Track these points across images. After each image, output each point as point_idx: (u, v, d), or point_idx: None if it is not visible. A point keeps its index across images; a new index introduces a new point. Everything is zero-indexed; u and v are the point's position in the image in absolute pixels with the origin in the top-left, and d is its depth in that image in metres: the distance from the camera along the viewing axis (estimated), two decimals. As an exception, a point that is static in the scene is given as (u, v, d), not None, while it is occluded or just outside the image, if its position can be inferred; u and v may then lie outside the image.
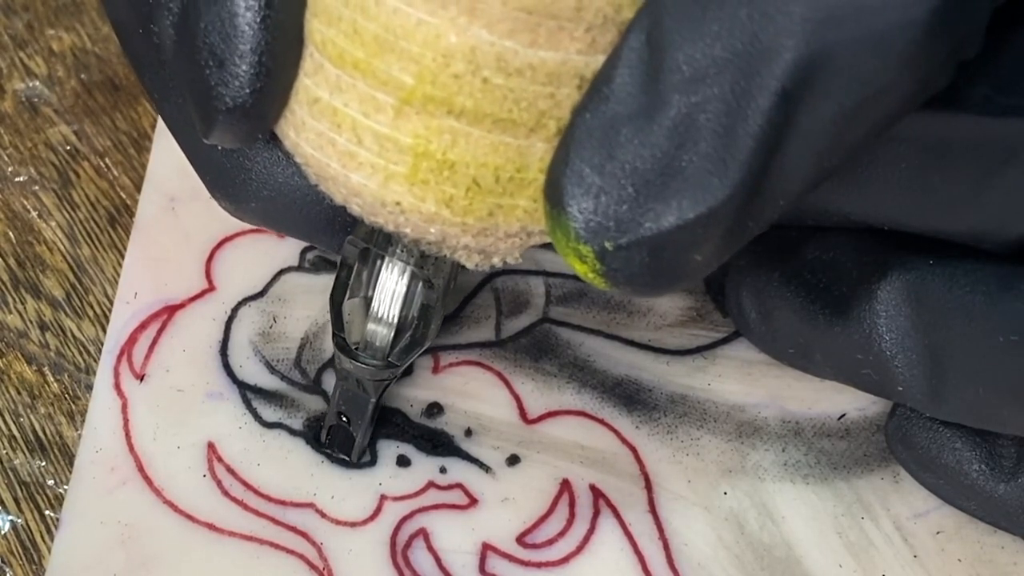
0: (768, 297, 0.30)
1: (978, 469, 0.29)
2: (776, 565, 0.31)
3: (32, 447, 0.34)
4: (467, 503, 0.32)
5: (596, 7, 0.22)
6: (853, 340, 0.28)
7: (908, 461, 0.31)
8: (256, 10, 0.23)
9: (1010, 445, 0.29)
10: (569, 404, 0.34)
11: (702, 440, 0.33)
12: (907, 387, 0.28)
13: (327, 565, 0.31)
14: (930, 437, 0.30)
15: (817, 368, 0.30)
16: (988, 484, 0.29)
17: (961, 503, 0.31)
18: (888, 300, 0.27)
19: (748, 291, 0.31)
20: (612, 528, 0.32)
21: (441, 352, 0.35)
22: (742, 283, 0.31)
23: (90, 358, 0.35)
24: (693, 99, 0.21)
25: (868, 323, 0.28)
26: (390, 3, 0.23)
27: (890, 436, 0.31)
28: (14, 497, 0.33)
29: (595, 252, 0.22)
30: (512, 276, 0.36)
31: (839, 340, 0.28)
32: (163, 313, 0.35)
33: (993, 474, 0.29)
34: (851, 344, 0.28)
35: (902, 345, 0.27)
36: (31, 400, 0.35)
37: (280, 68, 0.24)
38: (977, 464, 0.29)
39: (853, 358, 0.28)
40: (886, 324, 0.27)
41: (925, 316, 0.27)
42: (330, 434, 0.33)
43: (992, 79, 0.25)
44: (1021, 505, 0.29)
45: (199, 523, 0.32)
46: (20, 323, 0.36)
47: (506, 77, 0.23)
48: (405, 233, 0.25)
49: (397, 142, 0.24)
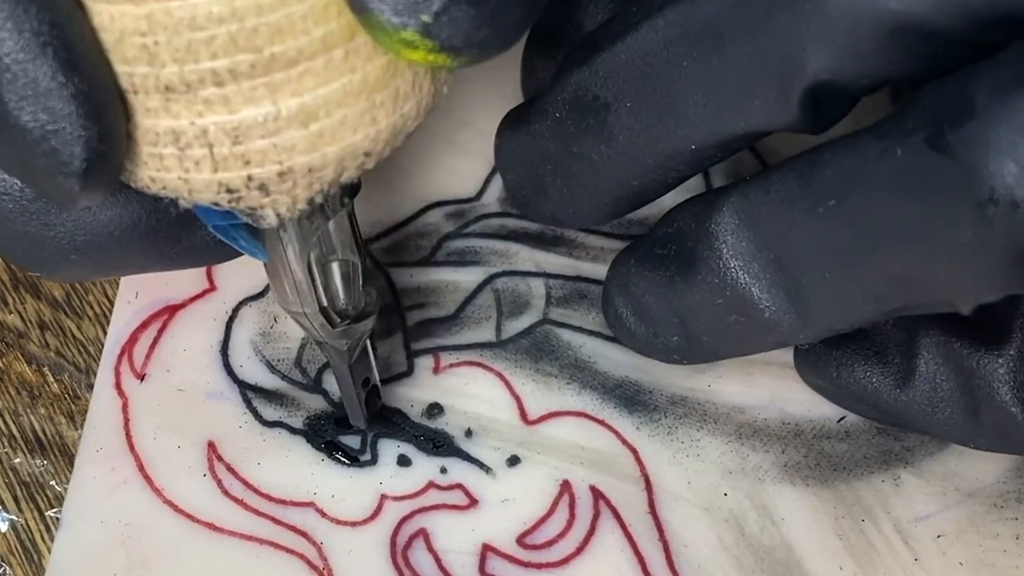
0: (633, 287, 0.31)
1: (876, 382, 0.31)
2: (776, 567, 0.31)
3: (32, 447, 0.34)
4: (467, 503, 0.32)
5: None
6: (710, 286, 0.29)
7: (821, 389, 0.33)
8: (60, 69, 0.22)
9: (896, 353, 0.30)
10: (569, 405, 0.34)
11: (702, 441, 0.33)
12: (774, 314, 0.28)
13: (327, 565, 0.31)
14: (828, 362, 0.32)
15: (702, 349, 0.31)
16: (889, 393, 0.31)
17: (873, 415, 0.32)
18: (725, 230, 0.28)
19: (617, 291, 0.31)
20: (612, 529, 0.32)
21: (442, 353, 0.35)
22: (611, 288, 0.31)
23: (90, 358, 0.35)
24: None
25: (715, 259, 0.28)
26: None
27: (799, 371, 0.33)
28: (14, 497, 0.33)
29: (419, 31, 0.22)
30: (512, 277, 0.36)
31: (699, 293, 0.29)
32: (164, 313, 0.35)
33: (889, 383, 0.31)
34: (710, 290, 0.29)
35: (751, 270, 0.28)
36: (31, 400, 0.35)
37: (109, 103, 0.23)
38: (873, 377, 0.31)
39: (719, 308, 0.29)
40: (730, 253, 0.28)
41: (760, 229, 0.27)
42: (367, 404, 0.33)
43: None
44: (917, 407, 0.30)
45: (199, 522, 0.32)
46: (20, 323, 0.36)
47: None
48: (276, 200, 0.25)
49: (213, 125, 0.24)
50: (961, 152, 0.23)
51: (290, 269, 0.29)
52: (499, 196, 0.37)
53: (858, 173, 0.25)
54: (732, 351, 0.31)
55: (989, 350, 0.29)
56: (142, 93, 0.24)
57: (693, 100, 0.27)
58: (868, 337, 0.31)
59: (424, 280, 0.36)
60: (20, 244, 0.29)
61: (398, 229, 0.37)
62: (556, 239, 0.36)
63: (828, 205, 0.26)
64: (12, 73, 0.22)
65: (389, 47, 0.23)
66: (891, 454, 0.33)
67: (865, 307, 0.27)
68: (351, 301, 0.30)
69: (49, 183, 0.23)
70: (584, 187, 0.30)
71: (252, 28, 0.23)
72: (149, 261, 0.30)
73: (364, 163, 0.25)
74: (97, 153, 0.23)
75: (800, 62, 0.25)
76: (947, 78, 0.24)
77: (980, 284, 0.24)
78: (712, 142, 0.27)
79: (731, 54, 0.26)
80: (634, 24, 0.28)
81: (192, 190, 0.25)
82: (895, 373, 0.30)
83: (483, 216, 0.37)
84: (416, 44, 0.22)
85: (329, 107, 0.24)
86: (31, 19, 0.22)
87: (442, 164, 0.38)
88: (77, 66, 0.22)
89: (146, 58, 0.23)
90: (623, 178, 0.29)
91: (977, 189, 0.22)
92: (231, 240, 0.28)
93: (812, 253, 0.27)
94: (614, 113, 0.28)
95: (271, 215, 0.26)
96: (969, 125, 0.23)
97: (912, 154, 0.24)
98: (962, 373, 0.29)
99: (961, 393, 0.29)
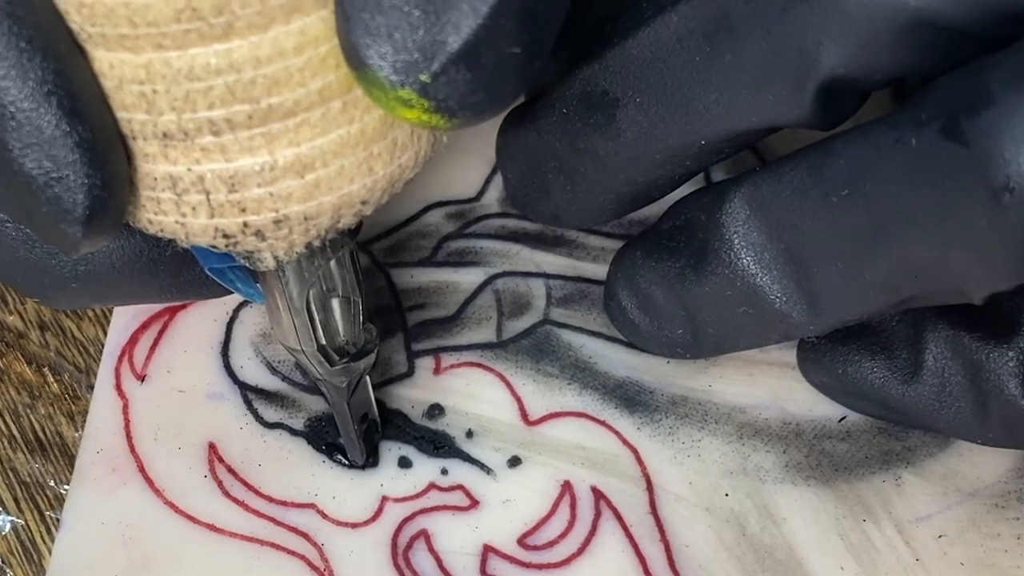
0: (639, 280, 0.31)
1: (883, 377, 0.31)
2: (777, 567, 0.31)
3: (32, 447, 0.34)
4: (468, 504, 0.32)
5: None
6: (721, 277, 0.29)
7: (825, 387, 0.33)
8: (64, 117, 0.22)
9: (903, 348, 0.30)
10: (570, 406, 0.34)
11: (703, 442, 0.33)
12: (784, 305, 0.28)
13: (328, 566, 0.31)
14: (834, 358, 0.31)
15: (707, 343, 0.31)
16: (896, 388, 0.30)
17: (877, 412, 0.32)
18: (736, 221, 0.28)
19: (621, 284, 0.31)
20: (613, 530, 0.32)
21: (442, 353, 0.35)
22: (615, 281, 0.31)
23: (90, 358, 0.35)
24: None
25: (726, 250, 0.28)
26: None
27: (803, 369, 0.33)
28: (14, 497, 0.33)
29: (417, 90, 0.22)
30: (513, 278, 0.36)
31: (710, 285, 0.29)
32: (164, 314, 0.35)
33: (896, 378, 0.30)
34: (720, 282, 0.29)
35: (762, 261, 0.28)
36: (31, 400, 0.35)
37: (112, 150, 0.23)
38: (880, 373, 0.31)
39: (728, 300, 0.29)
40: (741, 244, 0.28)
41: (772, 219, 0.27)
42: (365, 439, 0.33)
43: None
44: (925, 402, 0.30)
45: (200, 524, 0.32)
46: (20, 323, 0.36)
47: None
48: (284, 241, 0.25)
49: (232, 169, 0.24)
50: (977, 141, 0.23)
51: (289, 308, 0.29)
52: (499, 196, 0.37)
53: (871, 162, 0.25)
54: (737, 345, 0.31)
55: (999, 343, 0.29)
56: (140, 139, 0.24)
57: (705, 95, 0.27)
58: (874, 332, 0.31)
59: (424, 280, 0.36)
60: (22, 271, 0.29)
61: (398, 229, 0.37)
62: (556, 239, 0.36)
63: (841, 195, 0.26)
64: (16, 121, 0.22)
65: (384, 104, 0.23)
66: (892, 454, 0.33)
67: (877, 297, 0.27)
68: (351, 338, 0.30)
69: (52, 230, 0.23)
70: (588, 184, 0.30)
71: (249, 80, 0.23)
72: (148, 293, 0.30)
73: (361, 211, 0.25)
74: (100, 201, 0.23)
75: (816, 56, 0.25)
76: (962, 68, 0.24)
77: (994, 272, 0.25)
78: (722, 137, 0.27)
79: (745, 48, 0.26)
80: (646, 19, 0.27)
81: (189, 234, 0.25)
82: (902, 368, 0.30)
83: (483, 216, 0.37)
84: (412, 103, 0.22)
85: (326, 157, 0.24)
86: (35, 68, 0.22)
87: (442, 164, 0.38)
88: (81, 114, 0.22)
89: (144, 106, 0.23)
90: (629, 175, 0.29)
91: (993, 177, 0.23)
92: (227, 283, 0.29)
93: (824, 243, 0.27)
94: (623, 109, 0.28)
95: (268, 258, 0.26)
96: (985, 114, 0.23)
97: (927, 143, 0.24)
98: (971, 367, 0.29)
99: (970, 387, 0.29)
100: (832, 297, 0.28)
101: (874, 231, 0.25)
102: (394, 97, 0.22)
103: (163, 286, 0.30)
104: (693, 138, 0.28)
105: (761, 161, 0.37)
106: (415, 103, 0.22)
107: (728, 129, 0.27)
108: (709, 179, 0.36)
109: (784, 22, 0.25)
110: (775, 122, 0.27)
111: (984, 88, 0.23)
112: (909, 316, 0.30)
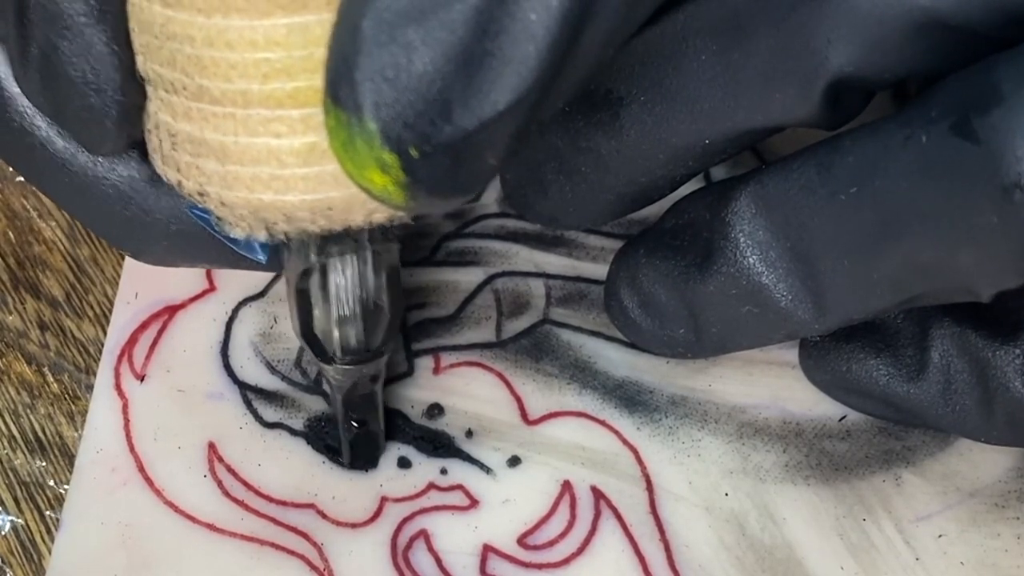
0: (642, 279, 0.30)
1: (888, 375, 0.31)
2: (777, 567, 0.31)
3: (32, 447, 0.34)
4: (468, 504, 0.32)
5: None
6: (726, 276, 0.28)
7: (828, 386, 0.32)
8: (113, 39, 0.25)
9: (908, 346, 0.30)
10: (570, 405, 0.34)
11: (703, 441, 0.33)
12: (790, 303, 0.28)
13: (328, 566, 0.31)
14: (838, 356, 0.31)
15: (710, 342, 0.31)
16: (901, 386, 0.30)
17: (880, 411, 0.32)
18: (741, 219, 0.28)
19: (623, 283, 0.31)
20: (613, 529, 0.32)
21: (442, 353, 0.35)
22: (616, 281, 0.31)
23: (90, 358, 0.35)
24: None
25: (731, 249, 0.28)
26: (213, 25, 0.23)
27: (805, 368, 0.32)
28: (14, 497, 0.33)
29: (400, 161, 0.21)
30: (512, 277, 0.36)
31: (714, 283, 0.29)
32: (164, 313, 0.35)
33: (901, 376, 0.30)
34: (725, 281, 0.28)
35: (768, 259, 0.28)
36: (31, 400, 0.35)
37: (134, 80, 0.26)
38: (885, 370, 0.31)
39: (733, 299, 0.29)
40: (747, 242, 0.28)
41: (778, 217, 0.27)
42: (353, 448, 0.32)
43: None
44: (930, 400, 0.30)
45: (200, 524, 0.32)
46: (20, 323, 0.36)
47: None
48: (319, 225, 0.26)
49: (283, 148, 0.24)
50: (987, 138, 0.23)
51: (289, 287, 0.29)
52: (498, 196, 0.37)
53: (880, 160, 0.25)
54: (740, 344, 0.31)
55: (1005, 341, 0.29)
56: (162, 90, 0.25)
57: (710, 94, 0.27)
58: (879, 330, 0.31)
59: (424, 280, 0.36)
60: (117, 226, 0.30)
61: (398, 229, 0.37)
62: (556, 239, 0.36)
63: (849, 192, 0.26)
64: (72, 32, 0.25)
65: (352, 159, 0.21)
66: (892, 453, 0.33)
67: (884, 295, 0.27)
68: (365, 344, 0.30)
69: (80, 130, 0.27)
70: (588, 184, 0.30)
71: None
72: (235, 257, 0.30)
73: (373, 211, 0.26)
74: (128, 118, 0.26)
75: (824, 55, 0.25)
76: (972, 66, 0.24)
77: (1003, 269, 0.25)
78: (727, 136, 0.27)
79: (752, 47, 0.26)
80: (652, 18, 0.27)
81: None
82: (907, 365, 0.30)
83: (483, 216, 0.37)
84: (388, 171, 0.21)
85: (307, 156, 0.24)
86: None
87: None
88: (124, 43, 0.25)
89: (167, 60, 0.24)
90: (630, 175, 0.29)
91: (1003, 174, 0.23)
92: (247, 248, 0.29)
93: (831, 241, 0.27)
94: (627, 107, 0.28)
95: (239, 231, 0.26)
96: (995, 111, 0.23)
97: (937, 140, 0.24)
98: (977, 364, 0.29)
99: (975, 384, 0.29)
100: (838, 296, 0.27)
101: (882, 228, 0.25)
102: (374, 156, 0.21)
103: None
104: (697, 137, 0.28)
105: (761, 161, 0.37)
106: (392, 171, 0.21)
107: (733, 128, 0.27)
108: (709, 179, 0.36)
109: (793, 20, 0.25)
110: (781, 121, 0.27)
111: (995, 86, 0.23)
112: (914, 313, 0.30)
